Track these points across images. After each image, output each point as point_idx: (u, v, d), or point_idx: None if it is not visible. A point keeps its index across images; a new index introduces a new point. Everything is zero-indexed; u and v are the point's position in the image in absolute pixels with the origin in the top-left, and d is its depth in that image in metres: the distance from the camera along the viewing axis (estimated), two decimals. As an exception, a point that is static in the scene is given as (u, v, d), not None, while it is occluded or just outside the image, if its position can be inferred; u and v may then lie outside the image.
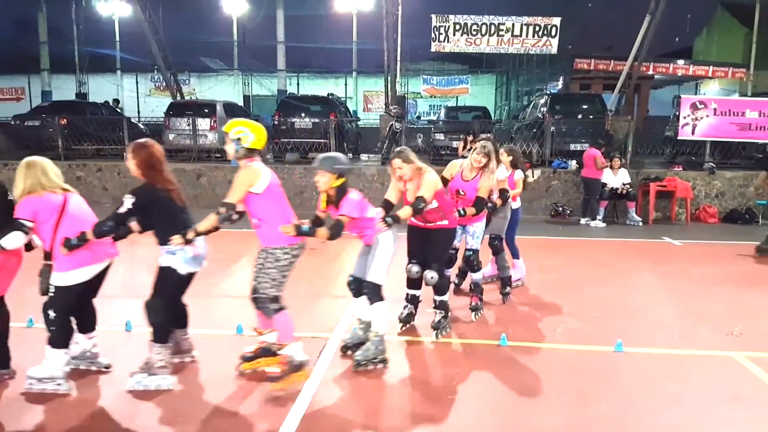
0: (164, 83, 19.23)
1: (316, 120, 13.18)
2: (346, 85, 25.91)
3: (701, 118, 11.92)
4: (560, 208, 11.22)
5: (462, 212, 4.72)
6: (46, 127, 13.34)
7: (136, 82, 25.56)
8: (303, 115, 13.53)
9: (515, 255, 6.11)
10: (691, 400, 3.70)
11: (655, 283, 6.71)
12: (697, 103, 12.19)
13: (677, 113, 12.49)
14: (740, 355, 4.38)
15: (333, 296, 5.93)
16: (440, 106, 23.78)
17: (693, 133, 12.01)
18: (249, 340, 4.49)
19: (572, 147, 12.25)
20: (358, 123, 17.83)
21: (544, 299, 5.86)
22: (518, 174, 5.85)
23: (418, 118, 24.54)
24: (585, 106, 13.75)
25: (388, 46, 14.44)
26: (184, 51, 22.51)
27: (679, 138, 12.26)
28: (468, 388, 3.84)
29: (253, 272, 3.81)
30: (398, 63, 15.65)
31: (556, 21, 15.61)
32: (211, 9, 24.01)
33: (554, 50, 16.00)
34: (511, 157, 5.81)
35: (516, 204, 5.97)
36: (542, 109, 13.77)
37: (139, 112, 23.45)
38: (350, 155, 14.02)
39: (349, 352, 4.24)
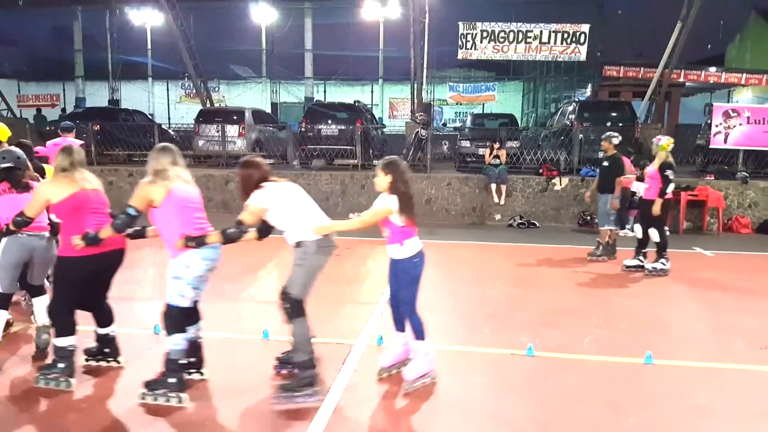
0: (194, 90, 19.66)
1: (343, 127, 13.29)
2: (372, 92, 26.09)
3: (734, 126, 11.64)
4: (588, 217, 11.06)
5: (91, 237, 3.55)
6: (80, 133, 13.69)
7: (167, 90, 26.14)
8: (329, 122, 13.67)
9: (418, 333, 3.85)
10: (722, 415, 3.60)
11: (686, 294, 6.56)
12: (730, 111, 11.91)
13: (709, 121, 12.22)
14: (776, 370, 4.26)
15: (358, 302, 5.97)
16: (466, 113, 23.74)
17: (725, 141, 11.73)
18: (276, 345, 4.55)
19: (601, 155, 12.06)
20: (384, 130, 17.90)
21: (571, 309, 5.78)
22: (384, 202, 3.71)
23: (444, 125, 24.52)
24: (614, 114, 13.55)
25: (414, 54, 14.48)
26: (214, 59, 22.95)
27: (710, 147, 11.99)
28: (493, 400, 3.81)
29: None
30: (424, 70, 15.69)
31: (585, 28, 15.44)
32: (241, 18, 24.44)
33: (583, 57, 15.82)
34: (389, 177, 3.70)
35: (409, 248, 3.77)
36: (570, 116, 13.63)
37: (169, 118, 23.98)
38: (375, 162, 14.08)
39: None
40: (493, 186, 11.18)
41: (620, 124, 12.84)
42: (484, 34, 15.36)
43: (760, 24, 26.63)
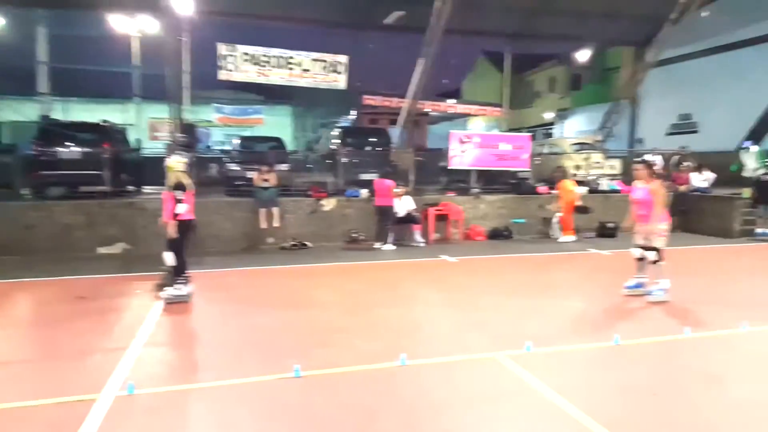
0: None
1: (87, 150, 11.64)
2: (127, 111, 23.76)
3: (467, 150, 13.68)
4: (355, 234, 11.71)
5: None
6: None
7: None
8: (70, 144, 11.86)
9: None
10: (460, 404, 4.05)
11: (436, 298, 7.35)
12: (463, 137, 13.97)
13: (449, 146, 14.14)
14: (502, 354, 4.98)
15: (103, 350, 5.18)
16: (238, 135, 23.32)
17: (461, 163, 13.70)
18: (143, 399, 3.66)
19: (362, 177, 12.98)
20: (144, 152, 16.34)
21: (338, 325, 5.96)
22: None
23: (208, 147, 23.64)
24: (373, 139, 14.75)
25: (171, 72, 13.60)
26: None
27: (449, 168, 13.88)
28: (260, 429, 3.66)
29: None
30: (186, 90, 14.84)
31: (342, 59, 16.51)
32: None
33: (342, 86, 16.86)
34: None
35: None
36: (335, 140, 14.38)
37: None
38: (131, 187, 12.73)
39: None
40: (263, 210, 11.06)
41: (378, 148, 14.07)
42: (246, 57, 15.27)
43: (486, 64, 32.36)
